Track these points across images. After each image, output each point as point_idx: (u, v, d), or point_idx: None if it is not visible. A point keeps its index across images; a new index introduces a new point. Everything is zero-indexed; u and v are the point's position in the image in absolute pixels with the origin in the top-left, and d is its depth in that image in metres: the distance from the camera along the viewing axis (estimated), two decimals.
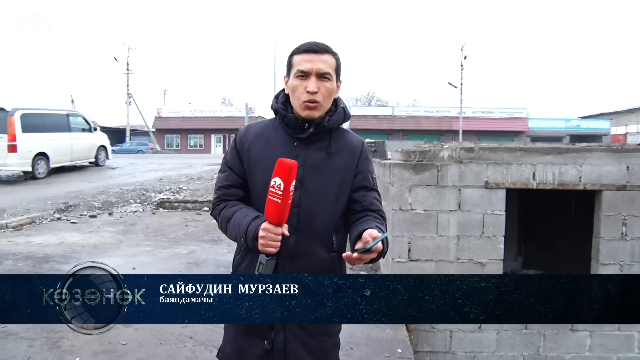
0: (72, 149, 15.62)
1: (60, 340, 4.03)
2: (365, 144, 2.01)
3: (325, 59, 1.83)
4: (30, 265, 6.26)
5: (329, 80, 1.83)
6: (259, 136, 1.92)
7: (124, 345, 3.97)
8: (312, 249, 1.86)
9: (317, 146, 1.87)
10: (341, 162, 1.89)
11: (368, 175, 1.95)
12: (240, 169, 1.92)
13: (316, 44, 1.85)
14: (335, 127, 1.90)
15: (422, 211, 4.92)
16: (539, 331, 4.93)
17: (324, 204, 1.85)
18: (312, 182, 1.83)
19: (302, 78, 1.81)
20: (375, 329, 4.28)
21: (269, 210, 1.69)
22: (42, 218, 9.71)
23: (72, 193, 11.77)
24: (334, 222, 1.89)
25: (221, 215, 1.94)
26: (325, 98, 1.83)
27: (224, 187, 1.95)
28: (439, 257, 4.91)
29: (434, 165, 4.91)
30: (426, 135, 45.08)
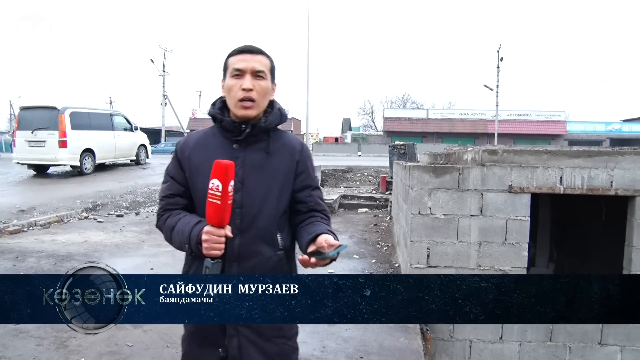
0: (116, 146, 16.51)
1: (69, 340, 4.00)
2: (305, 144, 2.04)
3: (260, 59, 1.88)
4: (52, 264, 6.30)
5: (263, 78, 1.87)
6: (198, 144, 1.94)
7: (131, 347, 3.91)
8: (257, 248, 1.86)
9: (255, 147, 1.89)
10: (281, 162, 1.91)
11: (311, 174, 1.99)
12: (182, 177, 1.94)
13: (250, 46, 1.90)
14: (272, 127, 1.92)
15: (442, 216, 4.72)
16: (564, 344, 4.67)
17: (266, 204, 1.87)
18: (253, 183, 1.84)
19: (237, 77, 1.85)
20: (389, 337, 4.12)
21: (210, 212, 1.69)
22: (70, 217, 9.82)
23: (101, 192, 11.93)
24: (277, 221, 1.91)
25: (165, 225, 1.93)
26: (260, 96, 1.86)
27: (167, 196, 1.96)
28: (459, 263, 4.70)
29: (455, 168, 4.71)
30: (461, 138, 44.56)
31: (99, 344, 3.93)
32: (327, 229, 1.82)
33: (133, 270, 6.02)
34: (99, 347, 3.88)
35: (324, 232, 1.77)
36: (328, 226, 1.89)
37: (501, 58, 44.42)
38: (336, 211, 11.04)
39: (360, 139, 53.34)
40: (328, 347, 3.95)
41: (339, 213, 11.02)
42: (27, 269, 6.06)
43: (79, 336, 4.06)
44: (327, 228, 1.84)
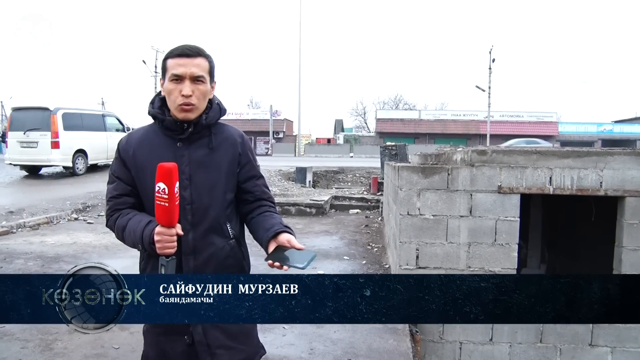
0: (108, 147, 16.42)
1: (54, 343, 3.96)
2: (245, 136, 2.11)
3: (198, 63, 1.88)
4: (40, 265, 6.24)
5: (202, 82, 1.89)
6: (142, 142, 1.96)
7: (117, 349, 3.87)
8: (210, 240, 1.94)
9: (198, 144, 1.94)
10: (224, 155, 1.97)
11: (254, 164, 2.07)
12: (127, 177, 1.96)
13: (189, 47, 1.90)
14: (213, 123, 1.97)
15: (431, 216, 4.70)
16: (554, 345, 4.66)
17: (214, 197, 1.94)
18: (199, 178, 1.90)
19: (176, 82, 1.86)
20: (378, 339, 4.09)
21: (159, 214, 1.73)
22: (60, 218, 9.76)
23: (92, 193, 11.85)
24: (225, 212, 1.99)
25: (116, 225, 1.96)
26: (199, 100, 1.89)
27: (115, 197, 1.98)
28: (448, 264, 4.68)
29: (444, 169, 4.69)
30: (453, 139, 44.70)
31: (85, 347, 3.89)
32: (282, 224, 1.90)
33: (122, 271, 5.94)
34: (84, 350, 3.83)
35: (282, 229, 1.87)
36: (280, 218, 1.98)
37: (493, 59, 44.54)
38: (327, 212, 11.01)
39: (352, 140, 53.34)
40: (316, 349, 3.92)
41: (330, 214, 10.99)
42: (14, 270, 6.00)
43: (64, 338, 4.02)
44: (281, 222, 1.92)
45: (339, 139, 57.02)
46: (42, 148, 14.21)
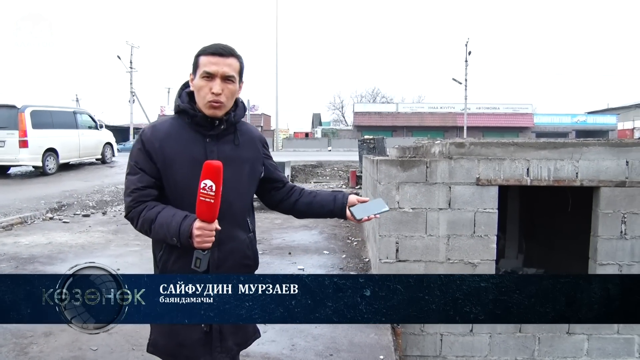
0: (80, 145, 16.15)
1: (29, 347, 3.87)
2: (262, 134, 2.26)
3: (230, 63, 1.94)
4: (14, 267, 6.12)
5: (232, 82, 1.95)
6: (169, 136, 1.98)
7: (95, 351, 3.81)
8: (234, 232, 2.03)
9: (225, 140, 2.01)
10: (248, 152, 2.08)
11: (272, 159, 2.24)
12: (152, 169, 1.97)
13: (222, 47, 1.95)
14: (239, 121, 2.06)
15: (410, 210, 4.70)
16: (533, 334, 4.71)
17: (238, 191, 2.02)
18: (227, 173, 1.86)
19: (207, 79, 1.91)
20: (359, 333, 4.09)
21: (202, 210, 1.77)
22: (34, 217, 9.56)
23: (67, 192, 11.66)
24: (248, 206, 2.12)
25: (142, 218, 1.95)
26: (228, 99, 1.95)
27: (139, 189, 1.97)
28: (428, 257, 4.69)
29: (422, 162, 4.69)
30: (430, 131, 44.97)
31: (62, 349, 3.82)
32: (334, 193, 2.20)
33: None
34: (61, 353, 3.76)
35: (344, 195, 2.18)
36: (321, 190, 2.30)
37: (469, 52, 44.90)
38: None
39: (330, 134, 53.36)
40: (297, 345, 3.90)
41: None
42: None
43: (40, 342, 3.94)
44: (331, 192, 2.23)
45: (316, 133, 56.99)
46: (9, 147, 13.77)
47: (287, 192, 2.25)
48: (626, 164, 4.61)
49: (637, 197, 4.63)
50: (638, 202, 4.64)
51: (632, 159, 4.61)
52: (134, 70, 46.88)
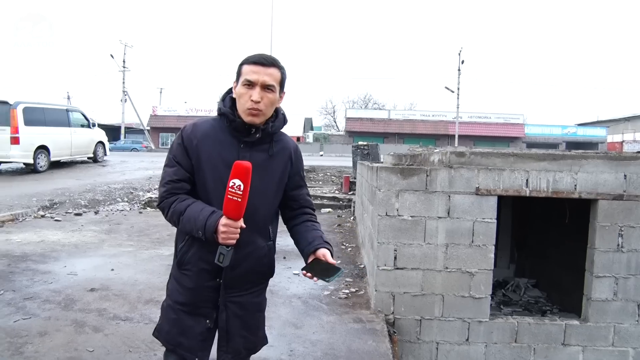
0: (72, 143, 16.06)
1: (24, 346, 3.82)
2: (298, 148, 2.27)
3: (271, 72, 1.99)
4: (6, 264, 6.05)
5: (272, 91, 2.00)
6: (207, 136, 2.05)
7: (91, 352, 3.75)
8: (254, 238, 2.08)
9: (260, 148, 2.07)
10: (280, 163, 2.13)
11: (302, 174, 2.28)
12: (188, 164, 2.05)
13: (265, 57, 2.01)
14: (276, 132, 2.11)
15: (409, 217, 4.71)
16: (529, 345, 4.72)
17: (264, 199, 2.09)
18: (255, 181, 1.93)
19: (248, 87, 1.97)
20: (357, 340, 4.08)
21: (229, 207, 1.85)
22: (26, 215, 9.48)
23: (59, 190, 11.57)
24: (271, 215, 2.18)
25: (173, 209, 2.05)
26: (267, 107, 2.00)
27: (173, 181, 2.06)
28: (426, 265, 4.70)
29: (422, 170, 4.70)
30: (422, 139, 45.16)
31: (57, 350, 3.77)
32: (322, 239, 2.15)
33: (92, 271, 5.84)
34: (57, 353, 3.71)
35: (322, 244, 2.11)
36: (319, 229, 2.24)
37: (462, 61, 45.18)
38: None
39: (322, 139, 53.43)
40: (296, 351, 3.89)
41: None
42: None
43: (35, 341, 3.90)
44: (321, 236, 2.17)
45: (308, 137, 57.04)
46: (0, 144, 13.72)
47: (294, 214, 2.29)
48: (624, 178, 4.65)
49: (634, 210, 4.67)
50: (635, 215, 4.67)
51: (631, 172, 4.65)
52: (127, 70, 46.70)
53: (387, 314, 4.70)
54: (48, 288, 5.17)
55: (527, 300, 6.48)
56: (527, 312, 5.90)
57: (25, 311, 4.53)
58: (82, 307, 4.64)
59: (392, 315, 4.71)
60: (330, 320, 4.51)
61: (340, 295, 5.19)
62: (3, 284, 5.28)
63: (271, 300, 4.91)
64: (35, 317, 4.40)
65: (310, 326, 4.36)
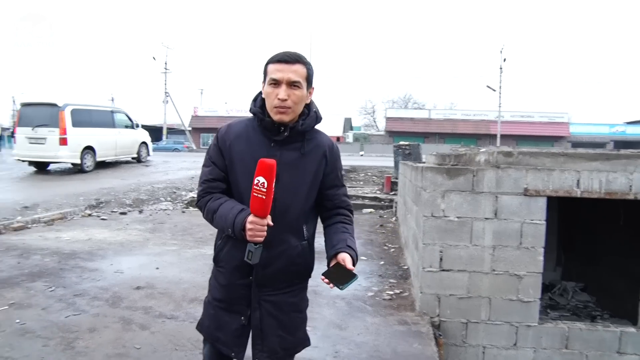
0: (117, 144, 16.41)
1: (75, 341, 3.91)
2: (335, 145, 2.23)
3: (296, 69, 2.00)
4: (56, 261, 6.22)
5: (298, 88, 2.00)
6: (239, 136, 2.11)
7: (138, 349, 3.82)
8: (286, 237, 2.09)
9: (291, 147, 2.08)
10: (313, 162, 2.11)
11: (338, 174, 2.23)
12: (222, 164, 2.12)
13: (288, 54, 2.02)
14: (308, 130, 2.10)
15: (455, 218, 4.62)
16: (580, 351, 4.56)
17: (296, 199, 2.08)
18: (286, 179, 2.02)
19: (274, 86, 1.99)
20: (402, 342, 4.02)
21: (255, 205, 1.88)
22: (74, 214, 9.76)
23: (105, 189, 11.84)
24: (304, 214, 2.15)
25: (207, 207, 2.13)
26: (295, 104, 2.01)
27: (209, 180, 2.15)
28: (472, 267, 4.60)
29: (469, 170, 4.61)
30: (463, 138, 44.51)
31: (106, 346, 3.85)
32: (346, 243, 2.11)
33: (138, 269, 5.94)
34: (106, 349, 3.78)
35: (343, 249, 2.07)
36: (349, 232, 2.20)
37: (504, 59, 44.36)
38: None
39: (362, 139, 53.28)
40: (341, 353, 3.85)
41: None
42: (31, 266, 5.98)
43: (85, 337, 3.99)
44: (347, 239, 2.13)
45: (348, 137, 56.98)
46: (50, 144, 14.15)
47: (329, 215, 2.27)
48: None
49: None
50: None
51: None
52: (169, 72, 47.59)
53: (432, 317, 4.62)
54: (96, 285, 5.29)
55: (575, 305, 6.28)
56: (575, 317, 5.72)
57: (75, 307, 4.64)
58: (129, 305, 4.73)
59: (438, 318, 4.63)
60: (374, 321, 4.47)
61: (384, 297, 5.13)
62: (54, 280, 5.43)
63: (315, 301, 4.91)
64: (85, 314, 4.50)
65: (355, 327, 4.33)
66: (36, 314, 4.47)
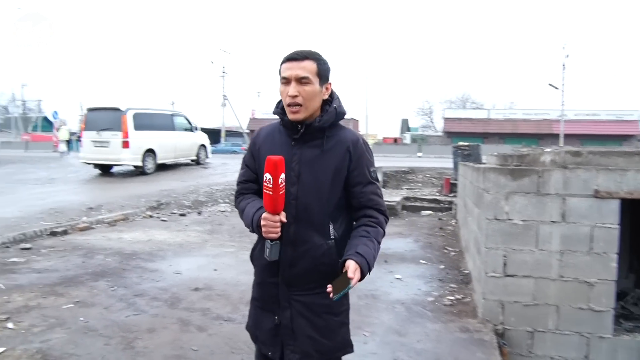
0: (176, 146, 16.76)
1: (135, 341, 3.97)
2: (361, 141, 2.13)
3: (304, 65, 2.00)
4: (118, 261, 6.37)
5: (308, 83, 1.99)
6: (267, 138, 2.16)
7: (196, 351, 3.83)
8: (309, 236, 2.05)
9: (311, 144, 2.06)
10: (334, 159, 2.05)
11: (364, 171, 2.10)
12: (254, 166, 2.19)
13: (297, 52, 2.03)
14: (326, 126, 2.05)
15: (520, 221, 4.40)
16: None
17: (317, 197, 2.04)
18: (306, 177, 2.03)
19: (285, 84, 2.02)
20: (464, 351, 3.86)
21: (265, 202, 1.91)
22: (135, 215, 10.01)
23: (165, 191, 12.11)
24: (329, 213, 2.07)
25: (239, 208, 2.22)
26: (307, 100, 2.00)
27: (242, 182, 2.25)
28: (538, 273, 4.37)
29: (534, 171, 4.39)
30: (524, 139, 43.19)
31: (165, 347, 3.88)
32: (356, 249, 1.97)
33: (196, 270, 6.00)
34: (164, 350, 3.82)
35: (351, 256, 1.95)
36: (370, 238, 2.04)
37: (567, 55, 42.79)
38: (399, 213, 10.74)
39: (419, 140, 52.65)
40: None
41: (402, 215, 10.72)
42: (95, 265, 6.16)
43: (144, 337, 4.05)
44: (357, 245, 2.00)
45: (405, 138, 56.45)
46: (113, 147, 14.63)
47: (357, 215, 2.15)
48: None
49: None
50: None
51: None
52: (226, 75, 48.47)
53: (495, 324, 4.42)
54: (155, 286, 5.37)
55: None
56: None
57: (135, 307, 4.72)
58: (187, 306, 4.76)
59: (501, 326, 4.43)
60: (435, 328, 4.32)
61: (444, 302, 4.97)
62: (116, 280, 5.55)
63: (373, 306, 4.82)
64: (144, 314, 4.56)
65: (415, 334, 4.19)
66: (99, 312, 4.58)
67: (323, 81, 2.05)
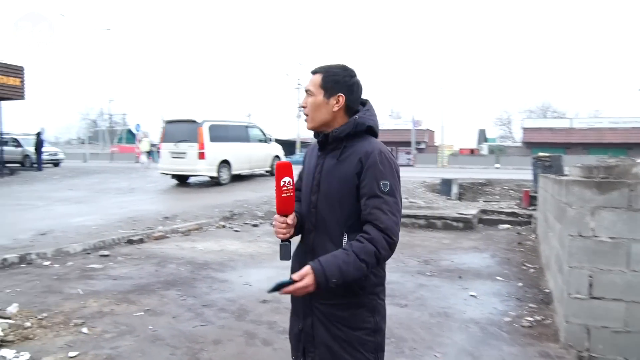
0: (251, 157, 17.08)
1: (200, 353, 3.98)
2: (376, 152, 2.01)
3: (313, 79, 2.10)
4: (189, 271, 6.47)
5: (310, 95, 2.10)
6: (311, 150, 2.27)
7: None
8: (326, 246, 2.03)
9: (331, 155, 2.10)
10: (348, 169, 2.03)
11: (372, 183, 1.99)
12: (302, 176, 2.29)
13: (315, 68, 2.13)
14: (342, 136, 2.05)
15: (608, 239, 4.04)
16: None
17: (333, 207, 2.05)
18: (324, 186, 2.07)
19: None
20: None
21: (275, 203, 2.03)
22: (209, 225, 10.20)
23: (238, 202, 12.30)
24: (343, 223, 2.03)
25: None
26: (311, 111, 2.10)
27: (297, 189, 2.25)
28: (631, 297, 3.97)
29: (624, 184, 4.02)
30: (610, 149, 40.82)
31: (230, 359, 3.84)
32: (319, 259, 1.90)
33: (265, 282, 5.96)
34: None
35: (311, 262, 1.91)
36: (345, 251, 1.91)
37: None
38: (475, 227, 10.32)
39: (497, 151, 51.13)
40: None
41: (479, 229, 10.30)
42: (167, 274, 6.28)
43: (209, 349, 4.04)
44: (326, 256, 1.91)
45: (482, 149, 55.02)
46: (190, 158, 15.11)
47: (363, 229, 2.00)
48: None
49: None
50: None
51: None
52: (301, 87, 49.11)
53: (579, 350, 4.06)
54: (224, 297, 5.37)
55: None
56: None
57: (202, 318, 4.73)
58: (254, 319, 4.72)
59: (587, 353, 4.06)
60: (512, 351, 4.03)
61: (523, 323, 4.64)
62: (186, 289, 5.61)
63: (445, 325, 4.58)
64: (211, 325, 4.56)
65: (489, 357, 3.92)
66: (167, 322, 4.62)
67: (329, 93, 2.07)
